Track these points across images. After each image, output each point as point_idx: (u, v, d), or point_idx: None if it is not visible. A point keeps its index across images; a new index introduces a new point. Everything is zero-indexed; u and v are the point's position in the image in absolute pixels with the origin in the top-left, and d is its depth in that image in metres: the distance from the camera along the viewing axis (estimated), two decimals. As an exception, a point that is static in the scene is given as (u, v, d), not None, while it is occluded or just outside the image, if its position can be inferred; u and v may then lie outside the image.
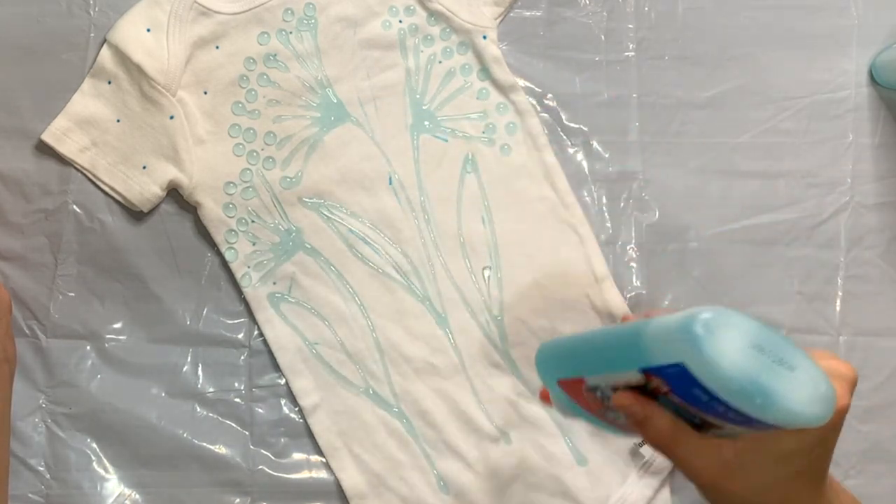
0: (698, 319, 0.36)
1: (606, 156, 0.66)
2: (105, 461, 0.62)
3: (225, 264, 0.63)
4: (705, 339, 0.35)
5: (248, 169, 0.64)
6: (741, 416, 0.37)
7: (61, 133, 0.63)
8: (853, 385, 0.42)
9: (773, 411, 0.36)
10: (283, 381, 0.63)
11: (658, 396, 0.40)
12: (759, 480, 0.42)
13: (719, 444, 0.41)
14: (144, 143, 0.62)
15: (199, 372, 0.63)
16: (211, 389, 0.63)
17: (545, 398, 0.51)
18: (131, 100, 0.62)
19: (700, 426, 0.41)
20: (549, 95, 0.67)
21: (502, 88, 0.66)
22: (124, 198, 0.63)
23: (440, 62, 0.66)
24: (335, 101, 0.64)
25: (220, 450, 0.62)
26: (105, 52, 0.63)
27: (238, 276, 0.63)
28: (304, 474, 0.62)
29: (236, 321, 0.64)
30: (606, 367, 0.41)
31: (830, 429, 0.40)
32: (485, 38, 0.66)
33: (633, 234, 0.66)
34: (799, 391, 0.37)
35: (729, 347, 0.35)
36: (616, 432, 0.47)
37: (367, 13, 0.65)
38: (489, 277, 0.63)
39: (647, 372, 0.39)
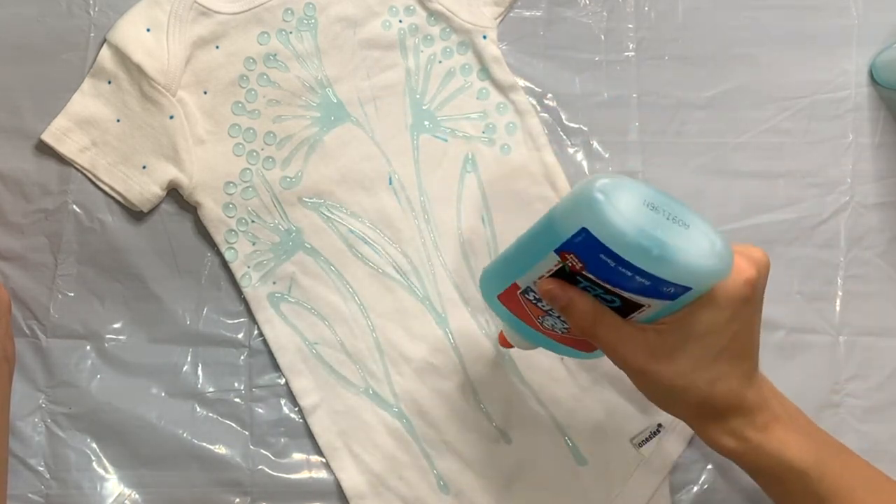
0: (594, 185, 0.39)
1: (606, 156, 0.66)
2: (105, 461, 0.62)
3: (225, 264, 0.63)
4: (601, 201, 0.38)
5: (248, 169, 0.64)
6: (645, 279, 0.39)
7: (61, 133, 0.63)
8: (761, 265, 0.43)
9: (670, 264, 0.39)
10: (282, 381, 0.63)
11: (578, 282, 0.42)
12: (683, 362, 0.43)
13: (643, 329, 0.43)
14: (144, 143, 0.63)
15: (199, 372, 0.63)
16: (211, 389, 0.63)
17: (504, 342, 0.53)
18: (131, 100, 0.62)
19: (622, 312, 0.43)
20: (549, 95, 0.67)
21: (502, 88, 0.66)
22: (124, 198, 0.63)
23: (440, 62, 0.66)
24: (335, 101, 0.65)
25: (220, 450, 0.62)
26: (105, 52, 0.63)
27: (238, 276, 0.63)
28: (304, 474, 0.62)
29: (236, 321, 0.64)
30: (529, 262, 0.44)
31: (741, 303, 0.42)
32: (485, 38, 0.66)
33: (633, 234, 0.66)
34: (693, 246, 0.40)
35: (624, 206, 0.39)
36: (558, 349, 0.48)
37: (367, 13, 0.65)
38: (489, 277, 0.63)
39: (561, 251, 0.41)
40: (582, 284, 0.42)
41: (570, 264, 0.41)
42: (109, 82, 0.63)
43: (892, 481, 0.50)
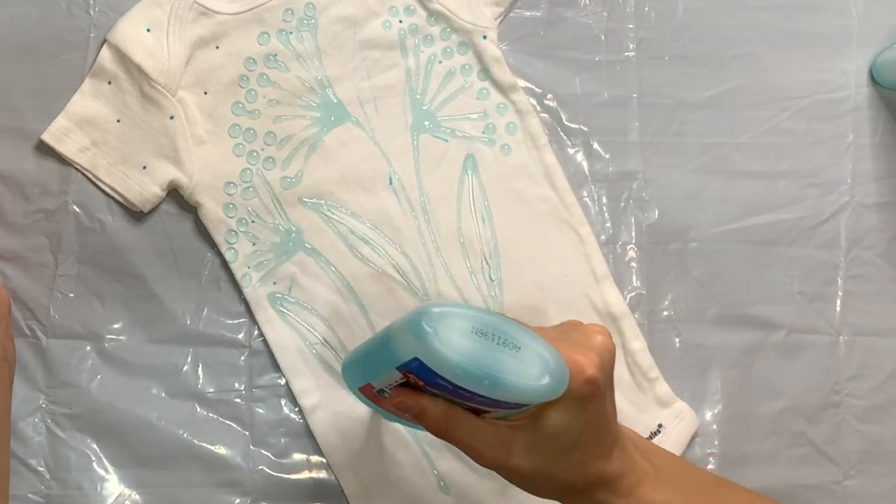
0: (422, 314, 0.39)
1: (606, 156, 0.66)
2: (105, 461, 0.62)
3: (225, 264, 0.63)
4: (429, 333, 0.39)
5: (248, 169, 0.64)
6: (484, 397, 0.40)
7: (61, 133, 0.63)
8: (603, 352, 0.44)
9: (502, 390, 0.40)
10: (283, 381, 0.63)
11: (426, 389, 0.43)
12: (538, 458, 0.44)
13: (497, 426, 0.44)
14: (144, 143, 0.62)
15: (199, 372, 0.63)
16: (211, 389, 0.63)
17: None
18: (131, 100, 0.62)
19: (476, 411, 0.43)
20: (549, 95, 0.67)
21: (502, 88, 0.66)
22: (124, 198, 0.63)
23: (440, 62, 0.66)
24: (335, 101, 0.65)
25: (220, 450, 0.62)
26: (105, 52, 0.63)
27: (238, 276, 0.63)
28: (304, 474, 0.62)
29: (236, 321, 0.64)
30: (379, 369, 0.44)
31: (587, 399, 0.43)
32: (485, 38, 0.66)
33: (633, 234, 0.66)
34: (525, 368, 0.40)
35: (452, 337, 0.39)
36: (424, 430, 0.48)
37: (367, 13, 0.65)
38: (489, 277, 0.64)
39: (401, 369, 0.42)
40: (430, 391, 0.43)
41: (412, 380, 0.42)
42: (109, 82, 0.63)
43: None
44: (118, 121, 0.63)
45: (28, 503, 0.61)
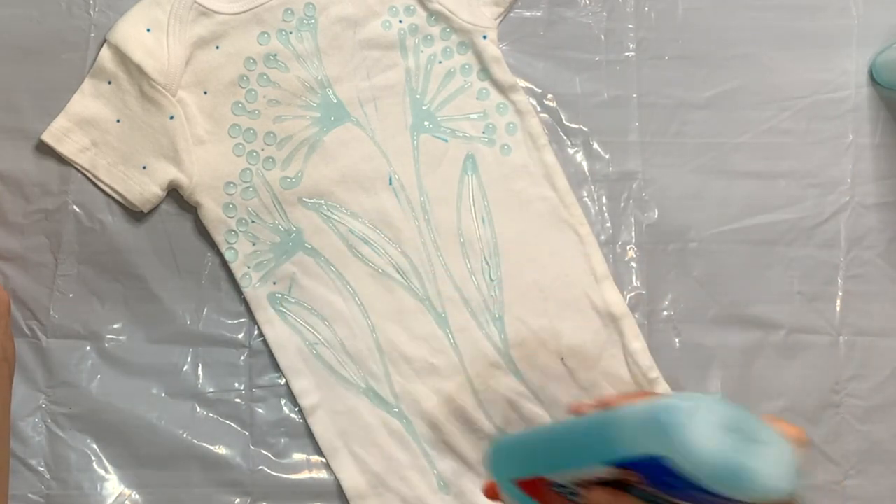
0: (672, 409, 0.36)
1: (606, 156, 0.66)
2: (105, 461, 0.62)
3: (225, 264, 0.63)
4: (682, 430, 0.35)
5: (248, 169, 0.64)
6: (718, 498, 0.37)
7: (61, 133, 0.63)
8: (804, 447, 0.42)
9: (755, 490, 0.36)
10: (283, 381, 0.63)
11: (629, 486, 0.40)
12: None
13: None
14: (144, 143, 0.62)
15: (199, 372, 0.63)
16: (211, 389, 0.63)
17: (492, 495, 0.49)
18: (131, 100, 0.62)
19: None
20: (549, 95, 0.67)
21: (502, 88, 0.66)
22: (124, 198, 0.63)
23: (440, 62, 0.66)
24: (335, 101, 0.64)
25: (220, 450, 0.62)
26: (105, 52, 0.63)
27: (238, 276, 0.63)
28: (304, 474, 0.62)
29: (236, 321, 0.64)
30: (571, 463, 0.41)
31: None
32: (485, 38, 0.65)
33: (633, 234, 0.66)
34: (772, 465, 0.37)
35: (704, 434, 0.35)
36: None
37: (367, 13, 0.65)
38: (489, 277, 0.63)
39: (619, 465, 0.38)
40: (633, 490, 0.40)
41: (625, 477, 0.39)
42: (109, 82, 0.63)
43: None
44: (118, 121, 0.63)
45: (28, 503, 0.61)
